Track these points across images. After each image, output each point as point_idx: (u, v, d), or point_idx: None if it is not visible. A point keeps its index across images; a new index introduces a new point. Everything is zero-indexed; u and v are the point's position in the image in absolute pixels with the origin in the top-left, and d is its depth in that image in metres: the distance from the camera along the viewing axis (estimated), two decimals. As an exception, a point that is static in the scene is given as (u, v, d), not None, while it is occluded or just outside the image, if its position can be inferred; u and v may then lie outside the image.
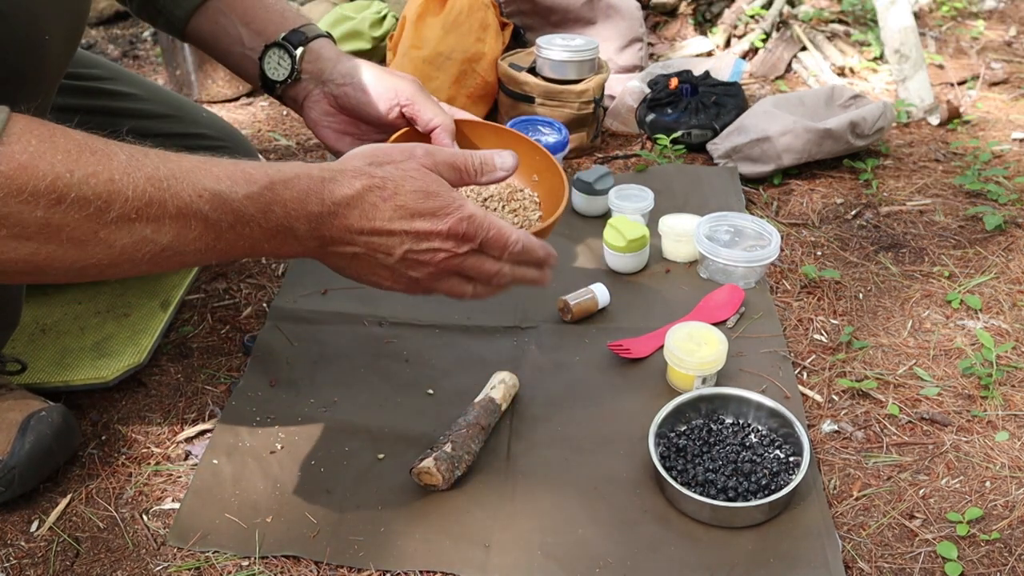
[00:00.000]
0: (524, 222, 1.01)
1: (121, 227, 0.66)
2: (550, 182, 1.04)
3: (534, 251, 0.84)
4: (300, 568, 0.92)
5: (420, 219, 0.78)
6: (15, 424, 0.98)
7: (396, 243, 0.78)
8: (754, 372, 1.17)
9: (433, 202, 0.78)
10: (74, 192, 0.63)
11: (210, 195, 0.69)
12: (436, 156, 0.80)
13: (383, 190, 0.76)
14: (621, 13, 1.90)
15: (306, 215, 0.74)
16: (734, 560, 0.92)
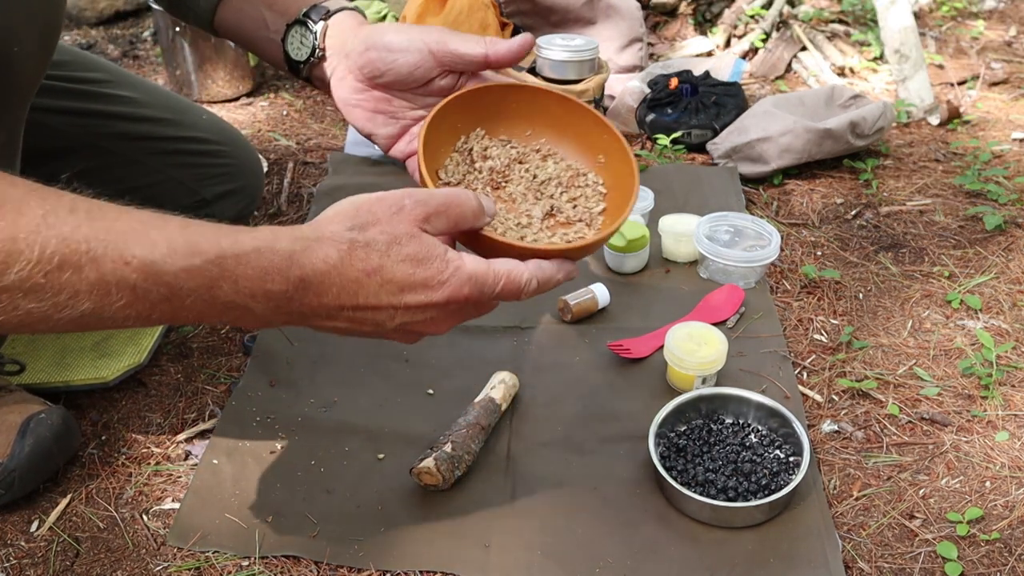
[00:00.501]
0: (584, 215, 0.85)
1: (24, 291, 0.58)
2: (617, 168, 0.86)
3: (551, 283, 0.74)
4: (300, 568, 0.92)
5: (411, 292, 0.68)
6: (14, 426, 0.98)
7: (387, 317, 0.69)
8: (754, 372, 1.17)
9: (425, 271, 0.68)
10: None
11: (139, 263, 0.61)
12: (429, 206, 0.69)
13: (366, 262, 0.66)
14: (621, 13, 1.90)
15: (264, 294, 0.64)
16: (734, 560, 0.92)
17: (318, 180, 1.63)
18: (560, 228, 0.84)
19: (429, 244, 0.68)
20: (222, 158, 1.29)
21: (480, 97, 0.85)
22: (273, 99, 1.97)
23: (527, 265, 0.72)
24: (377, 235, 0.67)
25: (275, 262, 0.64)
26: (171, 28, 1.86)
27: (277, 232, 0.65)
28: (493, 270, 0.70)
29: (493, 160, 0.86)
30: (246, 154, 1.35)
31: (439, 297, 0.69)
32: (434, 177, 0.82)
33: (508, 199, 0.85)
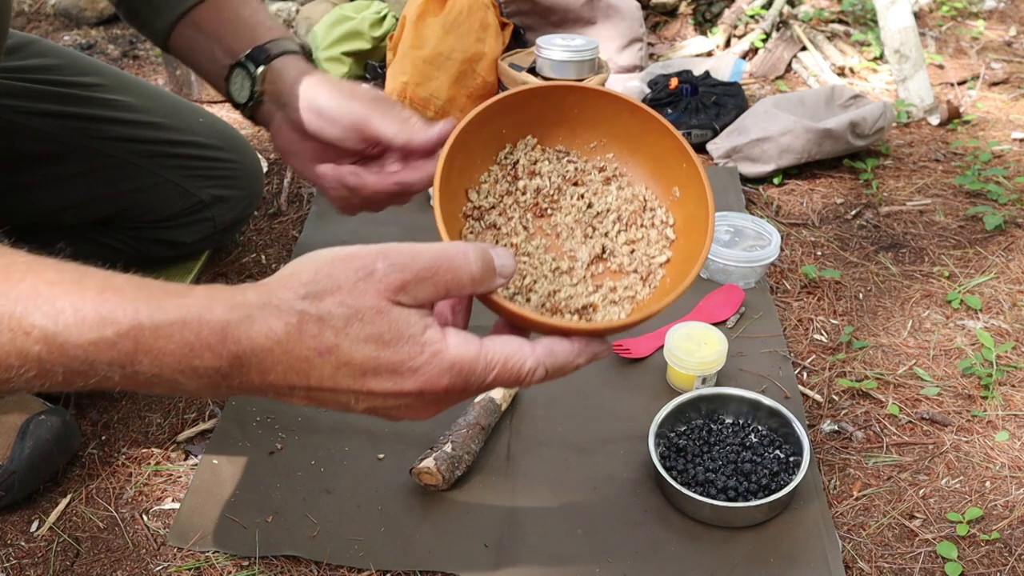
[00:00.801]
0: (642, 266, 0.68)
1: None
2: (692, 209, 0.66)
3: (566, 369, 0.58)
4: (300, 568, 0.92)
5: (375, 378, 0.54)
6: (14, 428, 0.98)
7: (350, 400, 0.56)
8: (754, 372, 1.17)
9: (392, 355, 0.53)
10: None
11: (40, 334, 0.52)
12: (409, 271, 0.53)
13: (319, 340, 0.52)
14: (621, 13, 1.90)
15: (192, 370, 0.53)
16: (734, 560, 0.92)
17: (318, 180, 1.63)
18: (608, 278, 0.67)
19: (400, 321, 0.53)
20: (219, 160, 1.29)
21: (534, 99, 0.67)
22: (273, 99, 1.97)
23: (535, 348, 0.57)
24: (334, 307, 0.53)
25: (203, 335, 0.52)
26: (171, 28, 1.86)
27: (213, 297, 0.53)
28: (485, 356, 0.55)
29: (542, 178, 0.69)
30: (244, 155, 1.35)
31: (410, 386, 0.55)
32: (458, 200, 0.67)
33: (552, 232, 0.68)
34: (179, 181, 1.25)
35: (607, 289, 0.66)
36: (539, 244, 0.67)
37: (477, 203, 0.67)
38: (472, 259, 0.55)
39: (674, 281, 0.65)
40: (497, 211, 0.68)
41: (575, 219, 0.69)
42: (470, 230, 0.66)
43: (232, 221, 1.33)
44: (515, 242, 0.66)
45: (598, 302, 0.66)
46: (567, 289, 0.66)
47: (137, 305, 0.52)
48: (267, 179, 1.62)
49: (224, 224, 1.32)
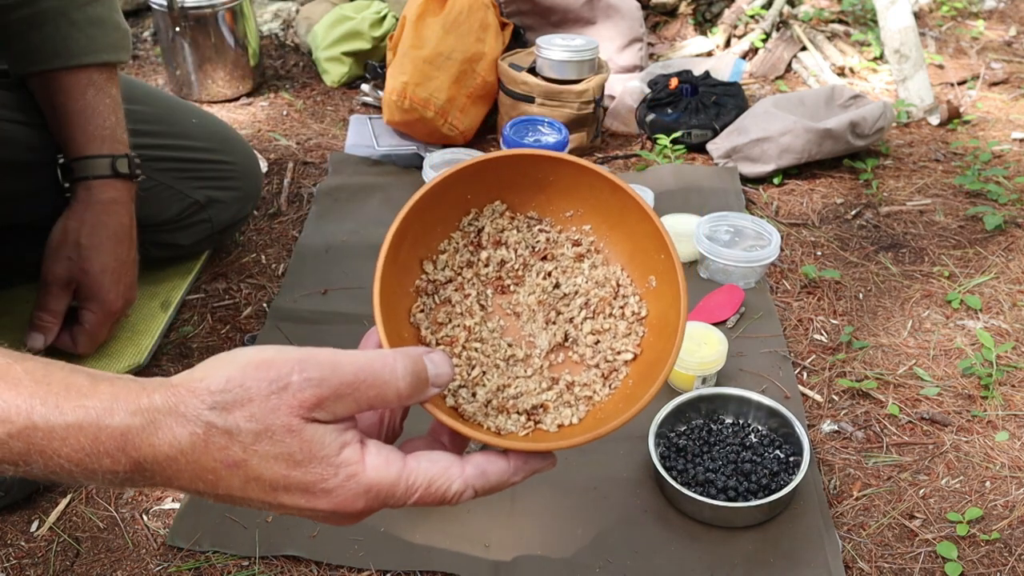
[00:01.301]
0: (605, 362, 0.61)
1: None
2: (667, 305, 0.59)
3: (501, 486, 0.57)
4: (300, 568, 0.92)
5: (286, 494, 0.50)
6: None
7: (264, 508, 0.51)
8: (754, 372, 1.17)
9: (303, 474, 0.49)
10: None
11: None
12: (325, 386, 0.49)
13: (225, 453, 0.49)
14: (621, 13, 1.90)
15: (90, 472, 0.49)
16: (734, 560, 0.92)
17: (318, 180, 1.63)
18: (566, 368, 0.61)
19: (313, 442, 0.49)
20: (213, 162, 1.28)
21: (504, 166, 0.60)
22: (273, 99, 1.97)
23: (464, 468, 0.55)
24: (243, 422, 0.48)
25: (102, 440, 0.49)
26: (171, 28, 1.86)
27: (117, 398, 0.50)
28: (406, 480, 0.53)
29: (507, 249, 0.63)
30: (240, 155, 1.34)
31: (324, 506, 0.51)
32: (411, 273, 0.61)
33: (511, 311, 0.62)
34: (172, 184, 1.24)
35: (563, 385, 0.60)
36: (495, 327, 0.61)
37: (432, 276, 0.61)
38: (400, 373, 0.51)
39: (637, 385, 0.59)
40: (454, 285, 0.62)
41: (539, 299, 0.62)
42: (420, 308, 0.60)
43: (230, 222, 1.33)
44: (468, 324, 0.60)
45: (549, 402, 0.61)
46: (519, 383, 0.60)
47: (32, 403, 0.49)
48: (267, 179, 1.62)
49: (222, 225, 1.32)
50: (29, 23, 1.05)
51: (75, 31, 1.07)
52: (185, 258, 1.34)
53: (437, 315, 0.61)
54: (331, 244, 1.43)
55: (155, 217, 1.23)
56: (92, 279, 1.09)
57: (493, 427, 0.58)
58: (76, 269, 1.08)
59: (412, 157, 1.66)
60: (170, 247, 1.28)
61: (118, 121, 1.11)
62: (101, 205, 1.09)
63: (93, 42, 1.08)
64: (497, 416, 0.59)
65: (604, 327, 0.62)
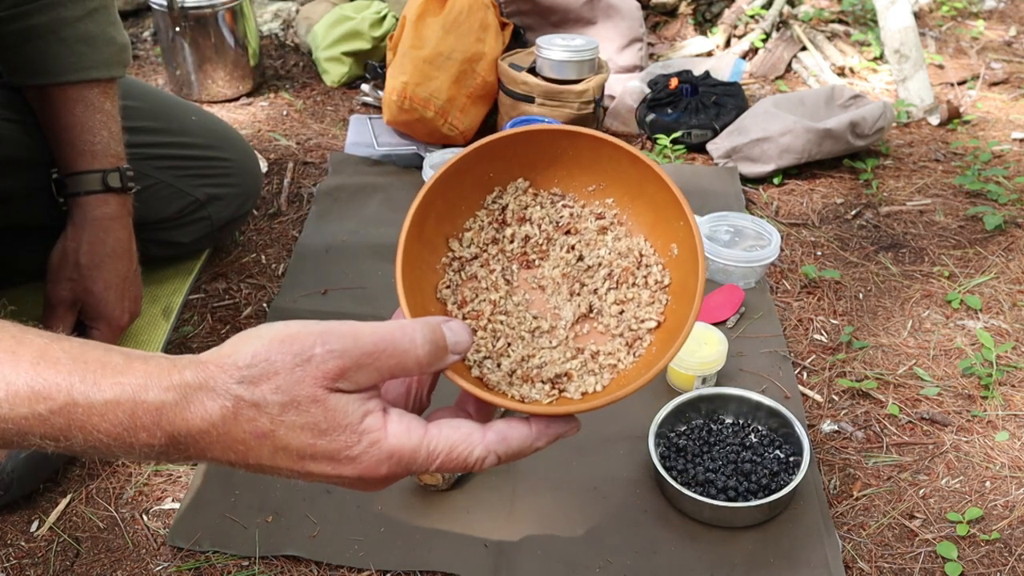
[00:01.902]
0: (629, 331, 0.62)
1: None
2: (685, 274, 0.61)
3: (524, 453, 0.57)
4: (300, 568, 0.92)
5: (314, 462, 0.53)
6: None
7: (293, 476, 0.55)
8: (754, 372, 1.17)
9: (328, 443, 0.52)
10: None
11: None
12: (349, 357, 0.51)
13: (254, 425, 0.52)
14: (621, 13, 1.90)
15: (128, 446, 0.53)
16: (734, 560, 0.92)
17: (318, 180, 1.63)
18: (591, 339, 0.62)
19: (337, 410, 0.52)
20: (212, 159, 1.28)
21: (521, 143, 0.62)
22: (273, 99, 1.97)
23: (485, 435, 0.55)
24: (269, 394, 0.51)
25: (138, 416, 0.52)
26: (171, 28, 1.86)
27: (151, 375, 0.52)
28: (427, 446, 0.53)
29: (532, 225, 0.64)
30: (239, 153, 1.34)
31: (349, 472, 0.53)
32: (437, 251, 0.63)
33: (536, 285, 0.64)
34: (172, 182, 1.24)
35: (588, 355, 0.62)
36: (520, 300, 0.62)
37: (459, 253, 0.63)
38: (419, 342, 0.52)
39: (659, 352, 0.60)
40: (479, 262, 0.63)
41: (563, 272, 0.63)
42: (447, 284, 0.62)
43: (229, 219, 1.33)
44: (493, 299, 0.61)
45: (574, 371, 0.61)
46: (543, 354, 0.61)
47: (72, 381, 0.51)
48: (267, 179, 1.62)
49: (221, 222, 1.32)
50: (21, 37, 1.05)
51: (64, 48, 1.06)
52: (185, 257, 1.34)
53: (463, 291, 0.62)
54: (331, 244, 1.43)
55: (155, 215, 1.23)
56: (96, 298, 1.09)
57: (517, 395, 0.58)
58: (79, 289, 1.09)
59: (412, 157, 1.66)
60: (170, 245, 1.28)
61: (111, 135, 1.09)
62: (97, 222, 1.09)
63: (82, 59, 1.07)
64: (522, 385, 0.60)
65: (628, 296, 0.62)
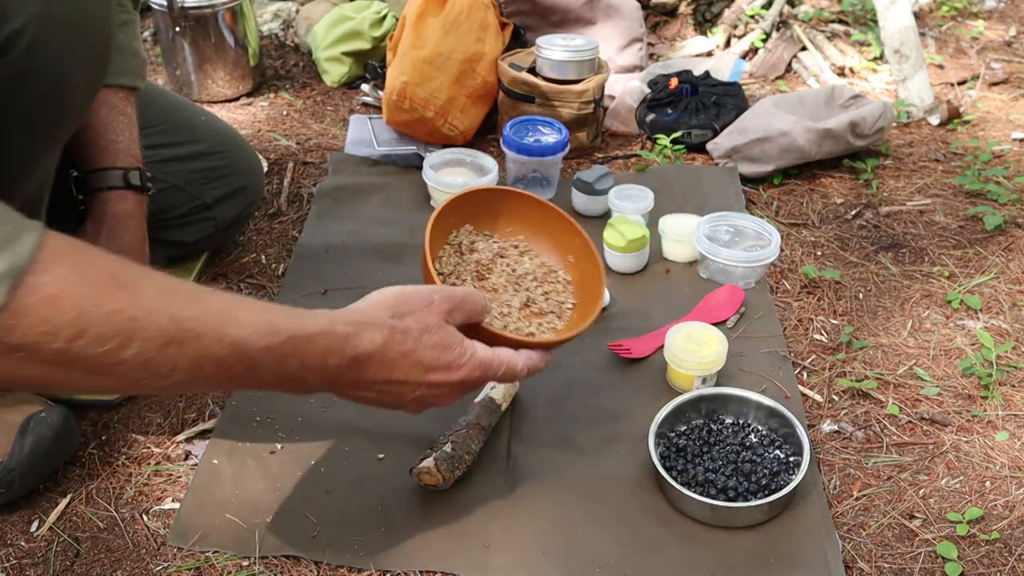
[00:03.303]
0: (556, 307, 1.00)
1: (137, 363, 0.64)
2: (586, 268, 1.01)
3: (536, 370, 0.89)
4: (300, 568, 0.92)
5: (435, 372, 0.81)
6: (14, 426, 0.98)
7: (409, 391, 0.81)
8: (754, 372, 1.17)
9: (448, 355, 0.81)
10: (95, 328, 0.61)
11: (230, 342, 0.68)
12: (453, 301, 0.82)
13: (403, 345, 0.78)
14: (621, 13, 1.89)
15: (322, 369, 0.74)
16: (734, 560, 0.92)
17: (318, 180, 1.63)
18: (535, 318, 0.98)
19: (452, 334, 0.81)
20: (220, 161, 1.29)
21: (471, 198, 0.99)
22: (273, 99, 1.97)
23: (521, 355, 0.87)
24: (412, 324, 0.78)
25: (334, 343, 0.74)
26: (171, 28, 1.86)
27: (333, 316, 0.76)
28: (497, 358, 0.84)
29: (479, 253, 1.00)
30: (244, 155, 1.35)
31: (456, 377, 0.82)
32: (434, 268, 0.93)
33: (491, 289, 0.98)
34: (182, 185, 1.25)
35: (536, 324, 0.97)
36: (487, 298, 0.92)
37: (440, 270, 0.97)
38: (480, 298, 0.86)
39: (581, 316, 0.98)
40: (454, 276, 0.98)
41: (506, 280, 1.00)
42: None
43: (233, 220, 1.34)
44: None
45: (535, 332, 0.97)
46: (512, 324, 0.95)
47: (289, 319, 0.72)
48: (267, 179, 1.62)
49: (225, 223, 1.32)
50: None
51: None
52: (186, 258, 1.34)
53: None
54: (331, 244, 1.43)
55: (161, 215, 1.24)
56: None
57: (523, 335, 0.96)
58: None
59: (412, 157, 1.66)
60: (174, 245, 1.29)
61: (132, 138, 1.12)
62: (116, 218, 1.10)
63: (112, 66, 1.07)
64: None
65: (550, 289, 1.01)
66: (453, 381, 0.82)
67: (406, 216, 1.50)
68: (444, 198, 0.96)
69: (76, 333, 0.61)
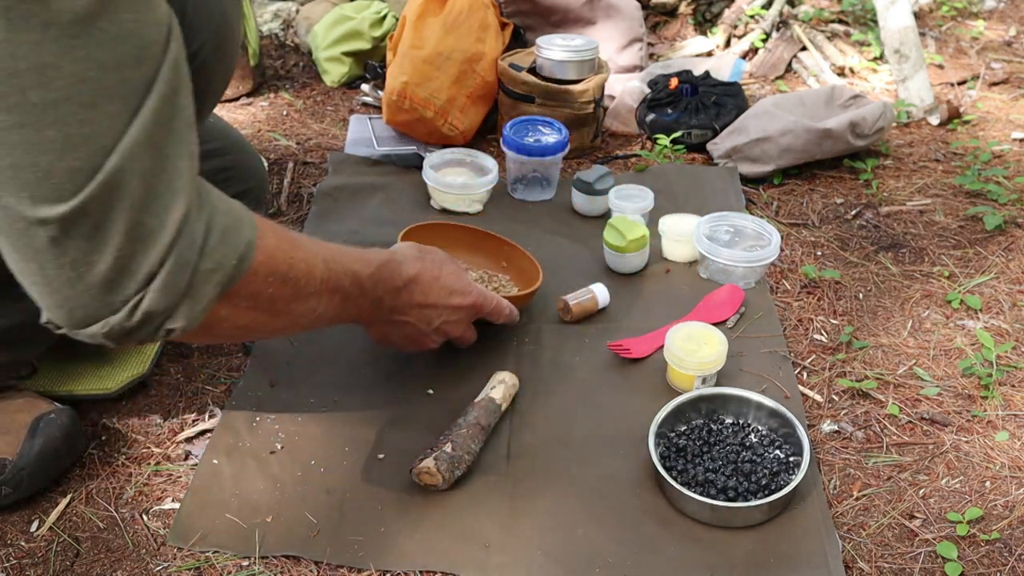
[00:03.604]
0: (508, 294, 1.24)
1: (307, 300, 0.85)
2: (519, 263, 1.29)
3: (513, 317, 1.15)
4: (300, 568, 0.92)
5: (456, 296, 1.04)
6: (24, 425, 0.98)
7: (436, 315, 1.04)
8: (754, 372, 1.17)
9: (461, 282, 1.05)
10: (292, 274, 0.82)
11: (352, 274, 0.91)
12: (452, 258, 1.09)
13: (432, 272, 1.02)
14: (621, 13, 1.89)
15: (392, 289, 0.98)
16: (734, 560, 0.92)
17: (318, 180, 1.63)
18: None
19: (460, 266, 1.08)
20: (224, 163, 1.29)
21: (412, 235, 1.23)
22: (273, 99, 1.97)
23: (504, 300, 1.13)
24: (436, 256, 1.05)
25: (394, 268, 0.98)
26: (171, 28, 1.86)
27: (384, 252, 0.99)
28: (491, 293, 1.11)
29: None
30: (248, 156, 1.35)
31: (468, 302, 1.06)
32: None
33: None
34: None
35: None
36: None
37: None
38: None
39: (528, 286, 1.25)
40: None
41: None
42: None
43: None
44: None
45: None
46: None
47: (369, 255, 0.95)
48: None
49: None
50: None
51: None
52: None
53: None
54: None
55: None
56: None
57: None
58: None
59: (412, 157, 1.66)
60: None
61: None
62: None
63: None
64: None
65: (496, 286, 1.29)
66: (467, 305, 1.05)
67: (406, 216, 1.50)
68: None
69: (283, 278, 0.81)
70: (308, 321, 0.88)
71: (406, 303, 1.00)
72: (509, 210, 1.52)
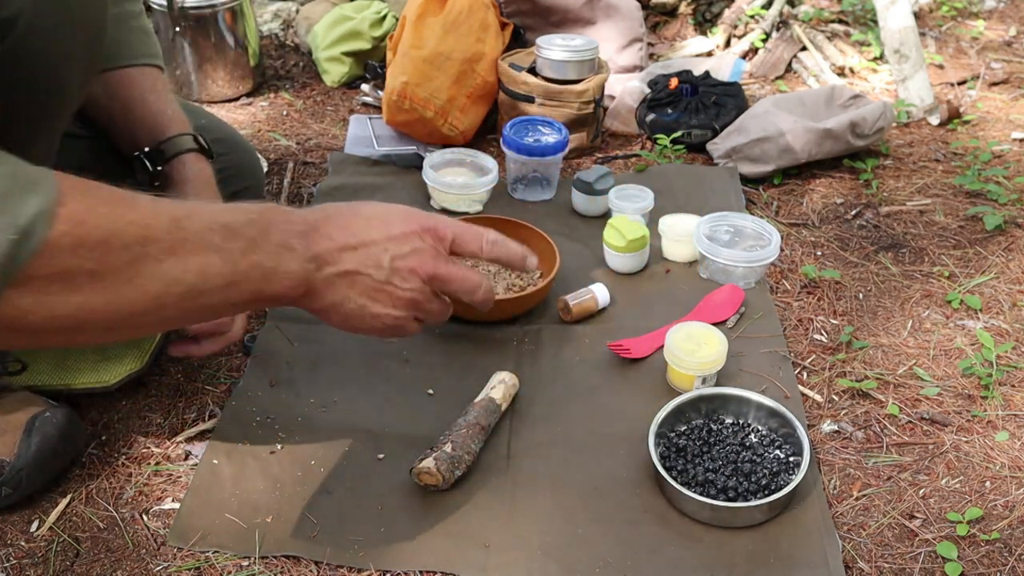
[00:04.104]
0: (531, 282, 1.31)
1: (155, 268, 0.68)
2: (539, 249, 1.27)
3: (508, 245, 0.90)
4: (300, 568, 0.92)
5: (396, 222, 0.82)
6: (20, 425, 0.98)
7: (380, 251, 0.80)
8: (754, 372, 1.17)
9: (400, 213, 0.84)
10: (118, 240, 0.66)
11: (220, 226, 0.72)
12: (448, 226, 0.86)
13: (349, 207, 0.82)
14: (621, 13, 1.89)
15: (297, 233, 0.77)
16: (734, 560, 0.92)
17: (318, 180, 1.63)
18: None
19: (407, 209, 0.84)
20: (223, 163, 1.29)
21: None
22: (273, 99, 1.97)
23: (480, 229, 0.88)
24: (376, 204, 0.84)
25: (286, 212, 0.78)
26: (171, 28, 1.86)
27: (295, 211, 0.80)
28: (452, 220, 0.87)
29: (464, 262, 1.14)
30: (247, 156, 1.35)
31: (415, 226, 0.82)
32: None
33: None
34: None
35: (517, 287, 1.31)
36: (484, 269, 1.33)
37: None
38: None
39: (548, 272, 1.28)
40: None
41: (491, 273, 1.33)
42: None
43: None
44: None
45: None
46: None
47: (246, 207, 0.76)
48: (267, 179, 1.62)
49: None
50: None
51: (134, 36, 1.14)
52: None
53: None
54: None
55: None
56: None
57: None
58: None
59: (412, 157, 1.66)
60: None
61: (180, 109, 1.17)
62: (199, 178, 1.12)
63: (150, 47, 1.16)
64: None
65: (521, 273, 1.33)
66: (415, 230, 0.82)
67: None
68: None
69: (104, 247, 0.65)
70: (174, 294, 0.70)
71: (328, 248, 0.78)
72: (509, 210, 1.52)
